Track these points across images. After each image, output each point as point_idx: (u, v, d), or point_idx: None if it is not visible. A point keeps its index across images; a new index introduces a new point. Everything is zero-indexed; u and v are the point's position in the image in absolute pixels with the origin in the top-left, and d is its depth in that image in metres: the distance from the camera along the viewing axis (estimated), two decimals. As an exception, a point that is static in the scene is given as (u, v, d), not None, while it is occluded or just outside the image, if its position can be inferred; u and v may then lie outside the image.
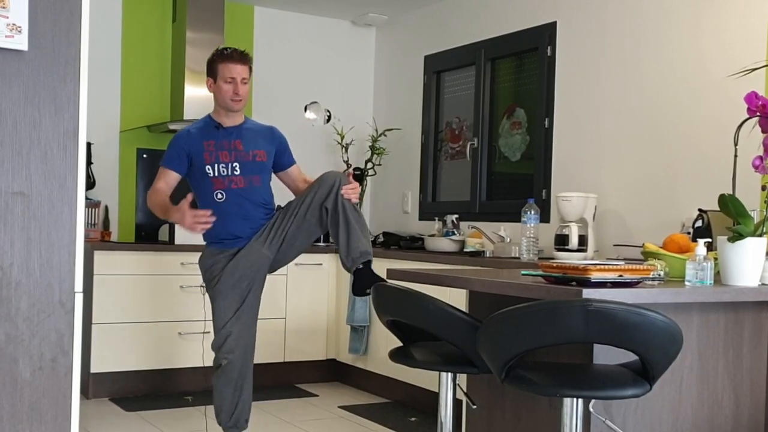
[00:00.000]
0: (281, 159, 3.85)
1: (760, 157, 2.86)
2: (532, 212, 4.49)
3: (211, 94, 3.84)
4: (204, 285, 3.85)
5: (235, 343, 3.68)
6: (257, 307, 3.78)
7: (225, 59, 3.71)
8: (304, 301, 5.55)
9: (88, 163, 5.30)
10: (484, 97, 5.50)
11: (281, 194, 4.01)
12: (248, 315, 3.72)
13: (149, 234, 5.70)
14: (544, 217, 4.81)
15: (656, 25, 4.35)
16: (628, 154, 4.46)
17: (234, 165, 3.68)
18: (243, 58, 3.73)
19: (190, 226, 3.53)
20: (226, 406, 3.70)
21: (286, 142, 3.90)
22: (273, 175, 3.92)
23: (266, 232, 3.69)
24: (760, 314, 2.94)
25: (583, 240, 4.32)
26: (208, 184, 3.68)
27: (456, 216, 5.41)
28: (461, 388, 2.93)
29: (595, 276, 2.43)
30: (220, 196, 3.68)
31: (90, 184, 5.39)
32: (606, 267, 2.47)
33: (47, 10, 2.03)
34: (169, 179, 3.71)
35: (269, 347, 5.34)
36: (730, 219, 2.83)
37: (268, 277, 3.86)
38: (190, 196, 3.56)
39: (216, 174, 3.67)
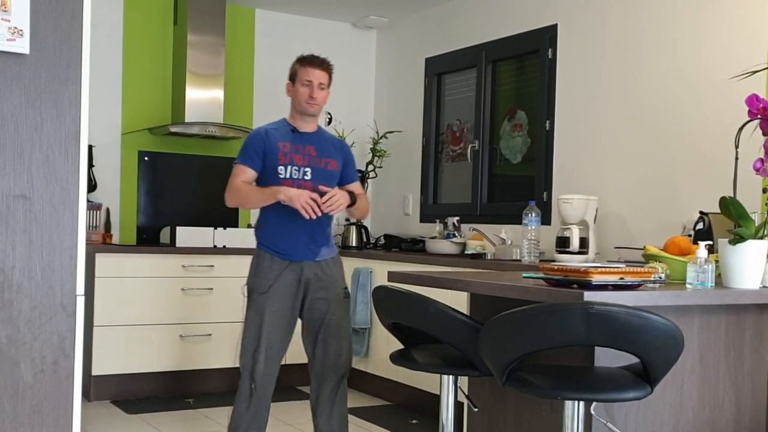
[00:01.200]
0: (344, 172, 3.78)
1: (761, 160, 2.86)
2: (533, 214, 4.49)
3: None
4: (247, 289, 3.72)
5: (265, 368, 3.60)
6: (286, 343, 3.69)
7: (305, 63, 3.72)
8: (306, 304, 5.55)
9: (90, 165, 5.30)
10: (485, 100, 5.50)
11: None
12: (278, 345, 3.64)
13: (151, 237, 5.70)
14: (545, 220, 4.81)
15: (657, 28, 4.36)
16: (629, 157, 4.46)
17: (306, 170, 3.64)
18: (323, 64, 3.72)
19: (304, 204, 3.46)
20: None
21: (352, 157, 3.86)
22: None
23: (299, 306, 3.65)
24: (761, 317, 2.94)
25: (584, 242, 4.32)
26: (276, 185, 3.61)
27: (457, 218, 5.41)
28: (462, 391, 2.93)
29: (597, 278, 2.43)
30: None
31: (91, 186, 5.40)
32: (607, 269, 2.47)
33: (49, 14, 2.04)
34: (245, 177, 3.65)
35: (270, 350, 5.34)
36: (731, 221, 2.83)
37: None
38: (320, 188, 3.53)
39: (287, 176, 3.62)
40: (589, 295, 2.32)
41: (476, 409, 2.98)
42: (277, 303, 3.58)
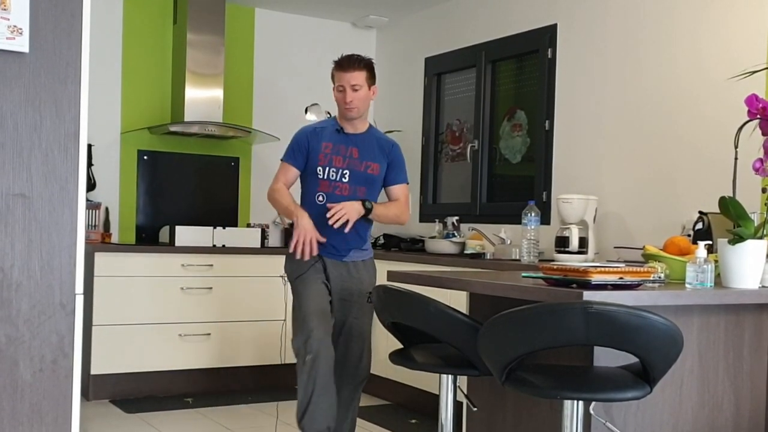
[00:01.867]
0: (389, 174, 3.76)
1: (761, 160, 2.86)
2: (533, 214, 4.49)
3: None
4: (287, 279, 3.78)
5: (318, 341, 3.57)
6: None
7: (336, 68, 3.72)
8: (305, 303, 5.55)
9: (89, 164, 5.30)
10: (485, 99, 5.50)
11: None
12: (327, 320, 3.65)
13: (150, 236, 5.70)
14: (545, 219, 4.81)
15: (656, 28, 4.36)
16: (628, 156, 4.47)
17: (344, 172, 3.64)
18: (351, 64, 3.69)
19: (303, 238, 3.51)
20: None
21: (400, 160, 3.79)
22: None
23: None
24: (761, 317, 2.94)
25: (583, 242, 4.32)
26: (314, 184, 3.65)
27: (456, 218, 5.41)
28: (462, 390, 2.93)
29: (596, 278, 2.43)
30: (321, 198, 3.64)
31: (91, 185, 5.40)
32: (606, 269, 2.47)
33: (48, 12, 2.04)
34: (289, 175, 3.70)
35: (269, 349, 5.34)
36: (730, 221, 2.83)
37: (267, 278, 3.86)
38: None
39: (325, 176, 3.64)
40: (588, 295, 2.32)
41: (475, 409, 2.98)
42: (314, 282, 3.62)
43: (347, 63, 3.69)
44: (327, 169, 3.64)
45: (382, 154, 3.73)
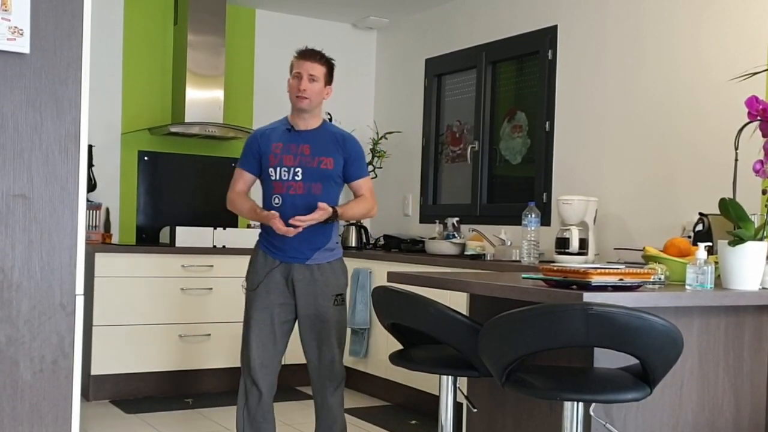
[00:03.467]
0: (348, 170, 3.64)
1: (761, 161, 2.86)
2: (533, 215, 4.49)
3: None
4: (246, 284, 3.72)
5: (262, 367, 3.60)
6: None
7: (297, 56, 3.61)
8: (305, 304, 5.56)
9: (90, 165, 5.30)
10: (485, 101, 5.50)
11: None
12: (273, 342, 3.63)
13: (150, 236, 5.70)
14: (545, 221, 4.81)
15: (657, 29, 4.36)
16: (628, 158, 4.47)
17: (296, 170, 3.55)
18: (314, 55, 3.59)
19: (276, 226, 3.47)
20: None
21: (358, 153, 3.68)
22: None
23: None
24: (761, 318, 2.94)
25: (583, 243, 4.32)
26: (269, 187, 3.59)
27: (457, 219, 5.41)
28: (462, 392, 2.92)
29: (596, 279, 2.43)
30: (276, 200, 3.56)
31: (91, 186, 5.40)
32: (607, 270, 2.47)
33: (49, 13, 2.04)
34: (246, 179, 3.66)
35: (270, 350, 5.34)
36: (730, 223, 2.83)
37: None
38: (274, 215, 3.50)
39: (277, 177, 3.56)
40: (588, 296, 2.33)
41: (475, 410, 2.98)
42: (264, 300, 3.55)
43: (310, 53, 3.60)
44: (278, 169, 3.55)
45: (337, 148, 3.60)
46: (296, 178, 3.55)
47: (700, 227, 3.59)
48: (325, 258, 3.61)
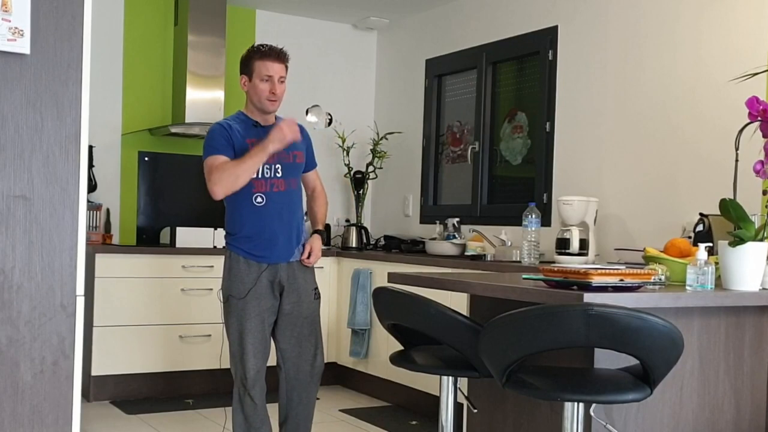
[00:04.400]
0: (307, 160, 3.66)
1: (761, 162, 2.86)
2: (533, 216, 4.49)
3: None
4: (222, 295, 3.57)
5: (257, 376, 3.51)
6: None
7: (263, 56, 3.48)
8: (305, 305, 5.55)
9: (90, 166, 5.30)
10: (486, 101, 5.50)
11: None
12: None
13: (151, 237, 5.70)
14: (545, 221, 4.81)
15: (658, 30, 4.36)
16: (629, 158, 4.47)
17: (276, 166, 3.47)
18: (281, 56, 3.50)
19: (287, 137, 3.35)
20: None
21: (311, 142, 3.72)
22: None
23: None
24: (761, 319, 2.94)
25: (584, 244, 4.31)
26: (247, 187, 3.43)
27: (457, 219, 5.41)
28: (462, 392, 2.92)
29: (596, 280, 2.43)
30: (259, 199, 3.47)
31: (92, 187, 5.40)
32: (607, 271, 2.47)
33: (49, 14, 2.04)
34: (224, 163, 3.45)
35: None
36: (731, 223, 2.83)
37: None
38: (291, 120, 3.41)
39: (260, 175, 3.45)
40: (588, 297, 2.32)
41: (476, 411, 2.98)
42: (256, 307, 3.48)
43: (277, 55, 3.50)
44: (262, 166, 3.44)
45: (302, 141, 3.60)
46: (277, 174, 3.49)
47: (700, 228, 3.59)
48: (299, 254, 3.60)
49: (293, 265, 3.57)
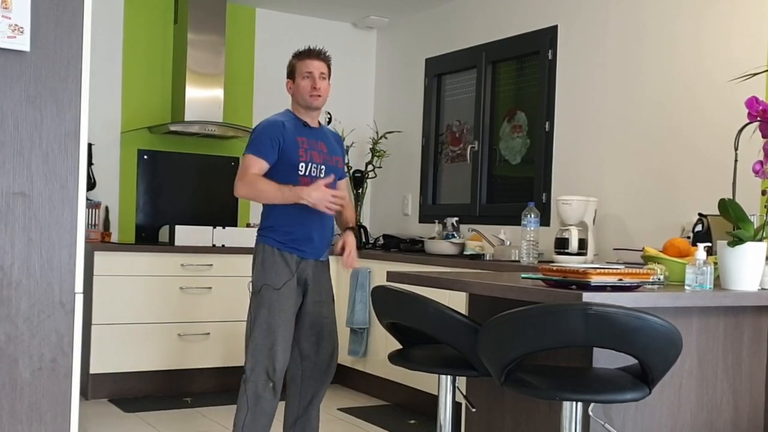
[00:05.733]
0: (341, 169, 3.75)
1: (761, 162, 2.86)
2: (533, 215, 4.49)
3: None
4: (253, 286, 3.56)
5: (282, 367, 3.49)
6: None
7: (302, 56, 3.58)
8: (304, 303, 5.56)
9: (89, 163, 5.30)
10: (485, 101, 5.50)
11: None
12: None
13: (149, 235, 5.70)
14: (545, 221, 4.81)
15: (657, 29, 4.36)
16: (628, 158, 4.47)
17: (321, 167, 3.53)
18: (320, 54, 3.59)
19: (329, 204, 3.38)
20: None
21: (345, 153, 3.82)
22: None
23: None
24: (760, 319, 2.94)
25: (583, 243, 4.32)
26: (293, 182, 3.46)
27: (456, 219, 5.41)
28: (461, 391, 2.93)
29: (595, 280, 2.43)
30: None
31: (91, 184, 5.40)
32: (606, 271, 2.47)
33: (49, 11, 2.04)
34: (261, 167, 3.45)
35: (269, 349, 5.34)
36: (730, 223, 2.83)
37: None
38: (331, 177, 3.46)
39: (306, 173, 3.49)
40: (587, 296, 2.33)
41: (474, 410, 2.98)
42: (289, 300, 3.49)
43: (316, 53, 3.60)
44: (309, 164, 3.49)
45: (340, 148, 3.72)
46: (321, 175, 3.54)
47: (699, 228, 3.59)
48: (327, 254, 3.66)
49: (320, 265, 3.60)
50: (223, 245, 5.42)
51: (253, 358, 3.46)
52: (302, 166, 3.50)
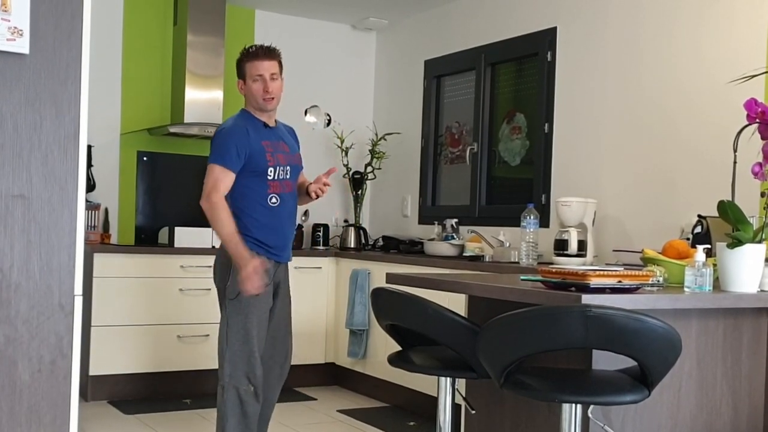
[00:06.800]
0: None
1: (760, 164, 2.87)
2: (532, 217, 4.50)
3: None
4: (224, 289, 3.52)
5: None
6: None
7: (250, 57, 3.52)
8: (304, 305, 5.54)
9: (89, 165, 5.30)
10: (484, 102, 5.50)
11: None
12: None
13: (149, 237, 5.70)
14: (544, 222, 4.81)
15: (657, 31, 4.36)
16: (628, 159, 4.47)
17: (287, 168, 3.51)
18: (269, 53, 3.52)
19: (251, 285, 3.34)
20: None
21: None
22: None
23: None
24: (759, 320, 2.94)
25: (582, 245, 4.32)
26: (263, 188, 3.45)
27: (455, 220, 5.41)
28: (460, 393, 2.93)
29: (594, 281, 2.43)
30: (274, 200, 3.48)
31: (90, 186, 5.40)
32: (605, 272, 2.47)
33: (49, 14, 2.04)
34: (230, 182, 3.43)
35: (268, 351, 5.34)
36: (729, 225, 2.83)
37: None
38: (265, 263, 3.41)
39: (275, 177, 3.47)
40: (587, 298, 2.33)
41: (473, 412, 2.98)
42: (266, 305, 3.48)
43: (263, 52, 3.52)
44: (277, 169, 3.46)
45: (296, 142, 3.69)
46: (287, 176, 3.53)
47: (698, 229, 3.59)
48: (291, 254, 3.67)
49: (286, 267, 3.63)
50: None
51: (231, 364, 3.42)
52: (270, 171, 3.47)
